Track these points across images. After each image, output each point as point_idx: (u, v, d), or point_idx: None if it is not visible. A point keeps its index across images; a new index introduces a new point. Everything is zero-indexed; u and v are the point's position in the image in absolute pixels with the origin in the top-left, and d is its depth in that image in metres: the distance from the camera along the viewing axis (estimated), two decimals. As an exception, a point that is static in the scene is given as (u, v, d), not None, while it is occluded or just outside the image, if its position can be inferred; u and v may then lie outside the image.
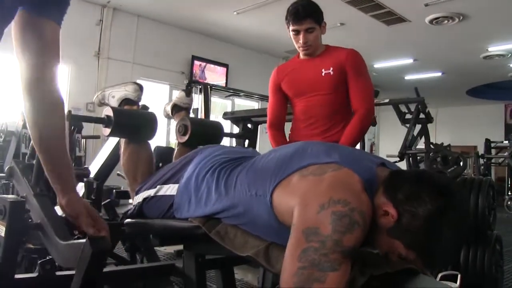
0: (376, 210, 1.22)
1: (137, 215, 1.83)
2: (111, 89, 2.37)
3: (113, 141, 3.32)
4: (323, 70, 2.56)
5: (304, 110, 2.66)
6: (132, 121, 2.14)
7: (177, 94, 2.60)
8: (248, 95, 7.31)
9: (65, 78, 7.69)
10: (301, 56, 2.69)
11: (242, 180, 1.47)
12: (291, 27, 2.57)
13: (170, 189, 1.73)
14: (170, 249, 4.31)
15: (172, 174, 1.78)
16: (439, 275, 2.49)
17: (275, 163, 1.40)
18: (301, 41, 2.56)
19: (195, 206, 1.59)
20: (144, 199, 1.81)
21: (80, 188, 3.31)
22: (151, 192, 1.79)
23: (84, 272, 1.34)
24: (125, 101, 2.30)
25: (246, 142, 5.15)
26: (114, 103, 2.31)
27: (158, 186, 1.78)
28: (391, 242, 1.21)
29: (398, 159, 4.72)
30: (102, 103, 2.39)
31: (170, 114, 2.60)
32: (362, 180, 1.23)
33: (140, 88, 2.33)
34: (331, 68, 2.54)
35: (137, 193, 1.86)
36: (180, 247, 2.02)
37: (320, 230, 1.14)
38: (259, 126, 5.37)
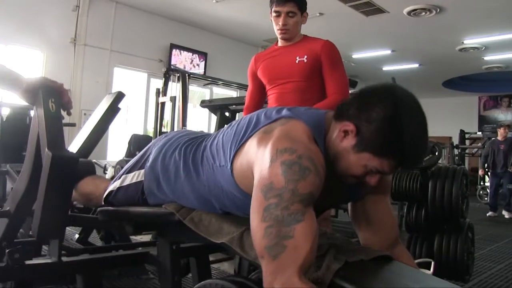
0: (336, 140, 1.26)
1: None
2: None
3: (87, 128, 3.27)
4: (297, 57, 2.59)
5: (277, 97, 2.68)
6: None
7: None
8: (227, 84, 7.29)
9: (40, 64, 7.53)
10: (279, 41, 2.73)
11: (207, 154, 1.48)
12: (273, 8, 2.61)
13: (136, 176, 1.71)
14: (147, 238, 4.29)
15: (135, 162, 1.76)
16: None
17: (235, 133, 1.41)
18: (280, 23, 2.59)
19: (166, 186, 1.58)
20: (110, 193, 1.78)
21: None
22: (116, 183, 1.77)
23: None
24: None
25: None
26: None
27: (123, 176, 1.75)
28: (361, 158, 1.23)
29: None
30: None
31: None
32: (310, 129, 1.25)
33: None
34: (305, 56, 2.57)
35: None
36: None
37: (274, 184, 1.15)
38: (237, 115, 5.36)
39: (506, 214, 8.37)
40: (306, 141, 1.21)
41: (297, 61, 2.59)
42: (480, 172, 9.20)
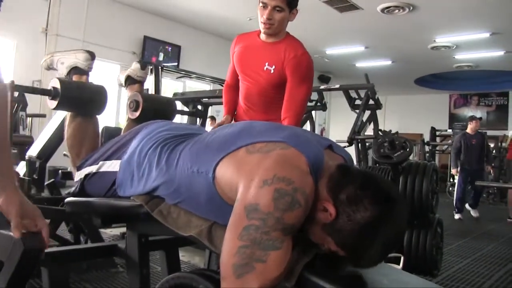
0: (316, 202, 1.21)
1: (80, 194, 1.77)
2: (60, 55, 2.23)
3: (57, 118, 3.21)
4: (266, 64, 2.51)
5: (245, 95, 2.64)
6: (80, 94, 2.04)
7: (132, 66, 2.45)
8: (200, 77, 7.23)
9: (10, 53, 7.36)
10: (261, 34, 2.58)
11: (184, 157, 1.43)
12: None
13: (112, 165, 1.67)
14: (116, 231, 4.24)
15: (115, 150, 1.72)
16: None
17: (220, 140, 1.38)
18: (265, 16, 2.43)
19: (137, 183, 1.54)
20: (86, 176, 1.74)
21: (22, 167, 3.19)
22: (93, 168, 1.73)
23: (13, 270, 1.24)
24: (75, 69, 2.17)
25: (198, 122, 5.12)
26: (63, 70, 2.18)
27: (100, 162, 1.71)
28: (324, 236, 1.21)
29: (347, 144, 4.79)
30: (50, 68, 2.27)
31: (124, 84, 2.48)
32: (309, 162, 1.21)
33: (92, 56, 2.19)
34: (273, 67, 2.49)
35: (79, 169, 1.80)
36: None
37: (261, 207, 1.12)
38: (209, 108, 5.34)
39: (473, 213, 7.81)
40: (305, 174, 1.19)
41: (264, 68, 2.51)
42: (454, 171, 7.97)
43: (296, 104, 2.54)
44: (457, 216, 7.61)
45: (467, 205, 7.88)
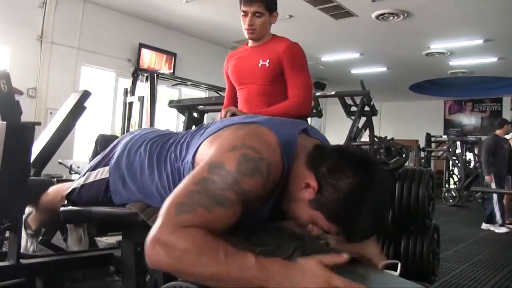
0: (297, 182, 1.24)
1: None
2: None
3: (52, 127, 3.20)
4: (260, 61, 2.58)
5: (246, 99, 2.68)
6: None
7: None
8: (195, 85, 7.25)
9: (6, 61, 7.35)
10: (249, 42, 2.70)
11: (171, 154, 1.47)
12: (241, 8, 2.57)
13: (100, 173, 1.67)
14: (112, 239, 4.22)
15: (100, 160, 1.73)
16: (380, 264, 2.51)
17: (203, 133, 1.42)
18: (247, 23, 2.57)
19: (131, 184, 1.54)
20: (73, 190, 1.74)
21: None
22: (80, 181, 1.73)
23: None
24: None
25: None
26: None
27: (87, 173, 1.71)
28: (312, 213, 1.22)
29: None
30: None
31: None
32: (279, 141, 1.24)
33: None
34: (268, 60, 2.56)
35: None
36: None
37: (225, 165, 1.15)
38: (205, 115, 5.34)
39: (496, 229, 6.88)
40: (274, 150, 1.21)
41: (259, 65, 2.58)
42: (489, 178, 6.95)
43: (303, 87, 2.58)
44: (504, 230, 6.79)
45: (485, 225, 7.12)
